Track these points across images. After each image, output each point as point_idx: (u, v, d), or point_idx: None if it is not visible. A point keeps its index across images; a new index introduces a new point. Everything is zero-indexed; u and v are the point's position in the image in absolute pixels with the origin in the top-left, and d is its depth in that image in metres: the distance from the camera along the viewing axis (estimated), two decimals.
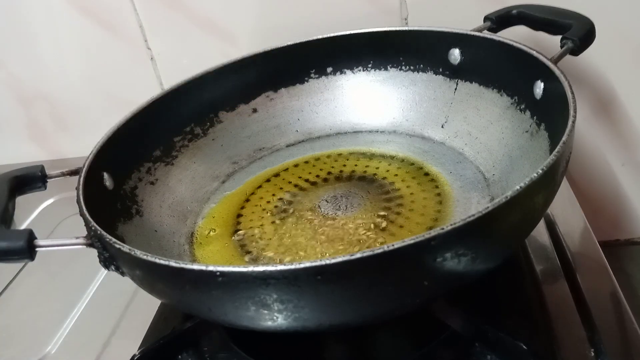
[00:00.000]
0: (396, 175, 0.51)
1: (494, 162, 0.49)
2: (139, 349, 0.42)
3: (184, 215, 0.51)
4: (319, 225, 0.47)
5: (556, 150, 0.33)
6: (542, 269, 0.44)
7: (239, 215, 0.51)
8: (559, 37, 0.48)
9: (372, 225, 0.45)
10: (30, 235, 0.35)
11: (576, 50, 0.46)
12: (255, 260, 0.45)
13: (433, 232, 0.29)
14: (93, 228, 0.36)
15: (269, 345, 0.42)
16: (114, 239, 0.34)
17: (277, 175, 0.55)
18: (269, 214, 0.50)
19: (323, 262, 0.29)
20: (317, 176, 0.54)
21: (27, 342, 0.49)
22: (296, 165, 0.56)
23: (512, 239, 0.36)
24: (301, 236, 0.46)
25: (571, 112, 0.37)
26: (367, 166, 0.54)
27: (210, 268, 0.30)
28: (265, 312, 0.31)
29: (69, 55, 0.71)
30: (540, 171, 0.32)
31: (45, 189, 0.42)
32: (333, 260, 0.29)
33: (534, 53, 0.45)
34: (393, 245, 0.29)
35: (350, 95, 0.60)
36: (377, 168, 0.53)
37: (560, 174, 0.36)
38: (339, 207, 0.49)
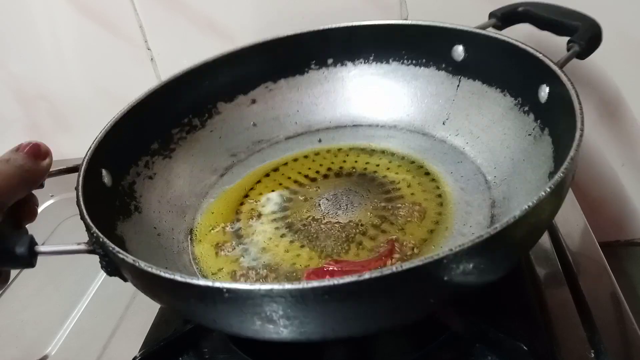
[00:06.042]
0: (397, 173, 0.51)
1: (496, 163, 0.49)
2: (140, 350, 0.42)
3: (182, 210, 0.51)
4: (319, 226, 0.46)
5: (564, 167, 0.33)
6: (542, 269, 0.45)
7: (238, 212, 0.50)
8: (563, 37, 0.47)
9: (372, 228, 0.45)
10: (31, 241, 0.35)
11: (582, 54, 0.46)
12: (255, 260, 0.45)
13: (441, 254, 0.29)
14: (95, 234, 0.35)
15: (269, 347, 0.42)
16: (117, 248, 0.34)
17: (276, 170, 0.54)
18: (268, 212, 0.49)
19: (331, 283, 0.29)
20: (317, 172, 0.53)
21: (27, 343, 0.49)
22: (295, 160, 0.55)
23: (518, 252, 0.36)
24: (301, 236, 0.46)
25: (578, 124, 0.37)
26: (367, 163, 0.53)
27: (217, 285, 0.30)
28: (271, 326, 0.31)
29: (69, 56, 0.70)
30: (548, 189, 0.32)
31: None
32: (341, 281, 0.28)
33: (540, 56, 0.45)
34: (402, 266, 0.29)
35: (351, 87, 0.59)
36: (378, 165, 0.53)
37: (566, 188, 0.36)
38: (340, 206, 0.48)
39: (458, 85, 0.54)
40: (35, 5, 0.66)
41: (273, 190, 0.52)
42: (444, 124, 0.55)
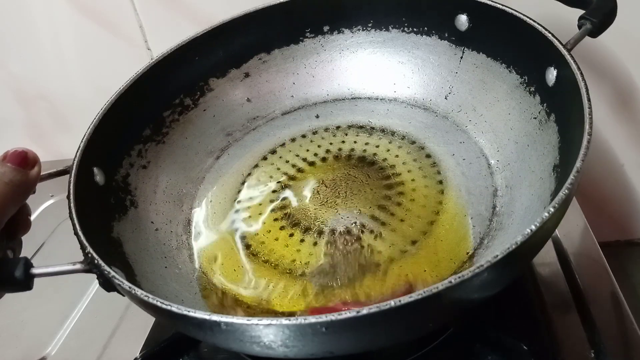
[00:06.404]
0: (397, 156, 0.50)
1: (499, 145, 0.47)
2: (141, 351, 0.42)
3: (179, 199, 0.50)
4: (318, 218, 0.46)
5: (568, 182, 0.32)
6: (542, 269, 0.44)
7: (236, 201, 0.49)
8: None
9: (372, 220, 0.45)
10: (26, 264, 0.34)
11: (595, 32, 0.43)
12: (255, 256, 0.44)
13: (441, 287, 0.28)
14: (90, 255, 0.35)
15: None
16: (112, 272, 0.34)
17: (273, 152, 0.53)
18: (267, 201, 0.48)
19: (329, 318, 0.28)
20: (315, 154, 0.52)
21: (27, 343, 0.50)
22: (293, 140, 0.54)
23: (520, 268, 0.36)
24: (301, 229, 0.45)
25: (587, 127, 0.35)
26: (366, 143, 0.52)
27: (214, 318, 0.29)
28: (270, 351, 0.31)
29: (69, 55, 0.69)
30: (552, 209, 0.31)
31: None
32: (339, 317, 0.28)
33: (549, 36, 0.42)
34: (400, 301, 0.28)
35: (348, 56, 0.57)
36: (377, 147, 0.51)
37: (570, 201, 0.34)
38: (339, 193, 0.47)
39: (461, 57, 0.51)
40: (35, 5, 0.65)
41: (271, 176, 0.51)
42: (446, 98, 0.53)
